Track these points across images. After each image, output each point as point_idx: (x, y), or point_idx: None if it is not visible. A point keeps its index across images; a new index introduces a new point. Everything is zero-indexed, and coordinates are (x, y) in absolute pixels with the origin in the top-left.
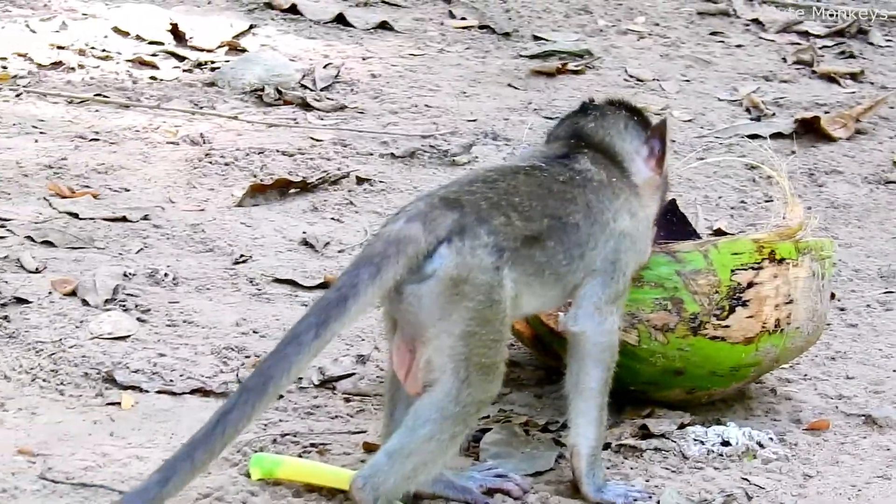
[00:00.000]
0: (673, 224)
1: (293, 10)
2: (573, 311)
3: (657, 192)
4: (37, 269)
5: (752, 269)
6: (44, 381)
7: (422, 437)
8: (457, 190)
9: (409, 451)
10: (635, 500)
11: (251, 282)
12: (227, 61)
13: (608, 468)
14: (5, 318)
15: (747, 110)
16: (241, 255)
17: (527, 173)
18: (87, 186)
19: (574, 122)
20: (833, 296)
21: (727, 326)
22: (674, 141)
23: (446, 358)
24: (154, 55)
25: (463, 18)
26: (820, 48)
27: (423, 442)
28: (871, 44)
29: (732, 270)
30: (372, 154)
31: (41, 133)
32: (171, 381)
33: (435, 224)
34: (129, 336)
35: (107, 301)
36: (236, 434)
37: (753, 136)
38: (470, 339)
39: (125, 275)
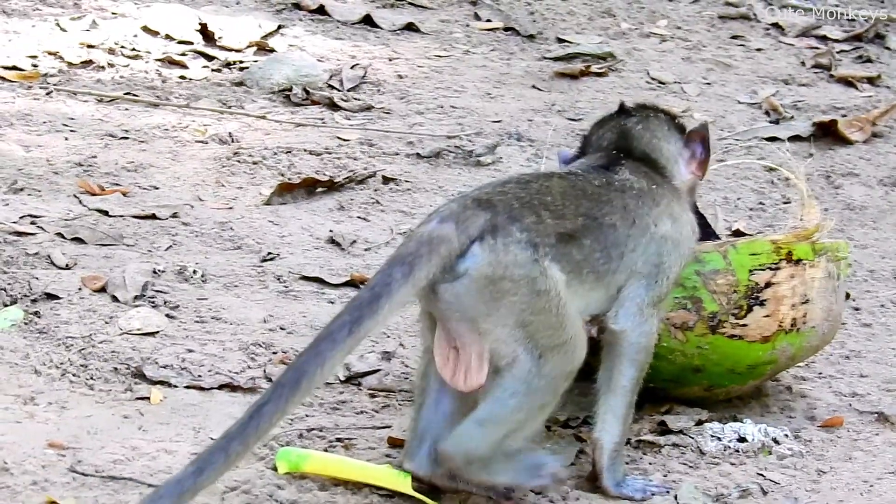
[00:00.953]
0: None
1: (321, 10)
2: (615, 309)
3: (692, 192)
4: (67, 265)
5: (770, 269)
6: (74, 375)
7: (511, 406)
8: (489, 192)
9: (500, 420)
10: (653, 494)
11: (279, 279)
12: (256, 61)
13: (627, 463)
14: (36, 313)
15: (766, 113)
16: (269, 253)
17: (561, 177)
18: (117, 184)
19: (619, 124)
20: (848, 296)
21: (745, 325)
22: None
23: (512, 345)
24: (183, 54)
25: (488, 20)
26: (838, 52)
27: (513, 412)
28: (888, 48)
29: (750, 270)
30: (398, 154)
31: (71, 131)
32: (200, 376)
33: (467, 224)
34: (157, 332)
35: (136, 297)
36: (270, 427)
37: (772, 139)
38: (528, 327)
39: (154, 271)
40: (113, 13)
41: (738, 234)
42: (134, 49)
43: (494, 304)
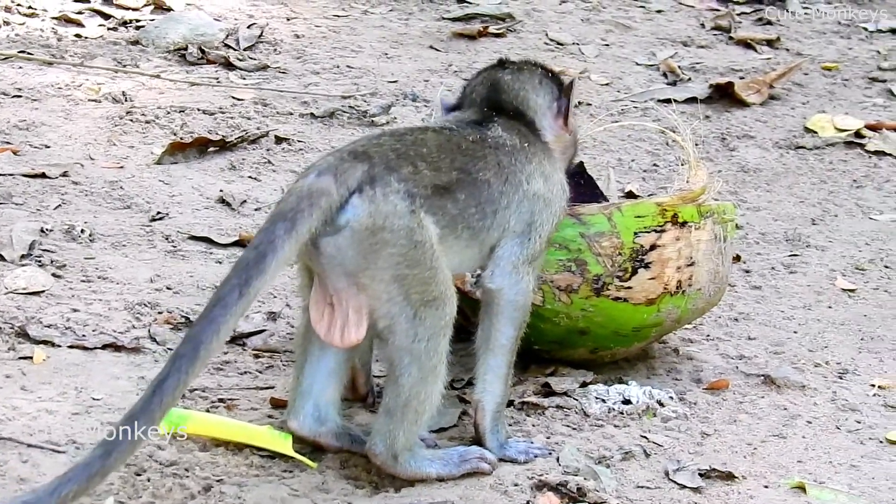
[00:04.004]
0: (581, 186)
1: None
2: (490, 268)
3: (567, 151)
4: None
5: (655, 231)
6: None
7: (407, 384)
8: (365, 144)
9: (404, 401)
10: (536, 456)
11: (167, 239)
12: (152, 20)
13: (510, 425)
14: None
15: (664, 75)
16: (158, 213)
17: (435, 131)
18: (8, 143)
19: (491, 76)
20: (738, 258)
21: (629, 288)
22: (581, 103)
23: (387, 304)
24: (80, 13)
25: None
26: (738, 15)
27: (411, 387)
28: (788, 11)
29: (635, 233)
30: (292, 114)
31: None
32: (84, 336)
33: (345, 176)
34: (43, 291)
35: (23, 256)
36: (174, 402)
37: (667, 101)
38: (403, 282)
39: (42, 230)
40: None
41: (630, 195)
42: (30, 7)
43: (374, 257)
